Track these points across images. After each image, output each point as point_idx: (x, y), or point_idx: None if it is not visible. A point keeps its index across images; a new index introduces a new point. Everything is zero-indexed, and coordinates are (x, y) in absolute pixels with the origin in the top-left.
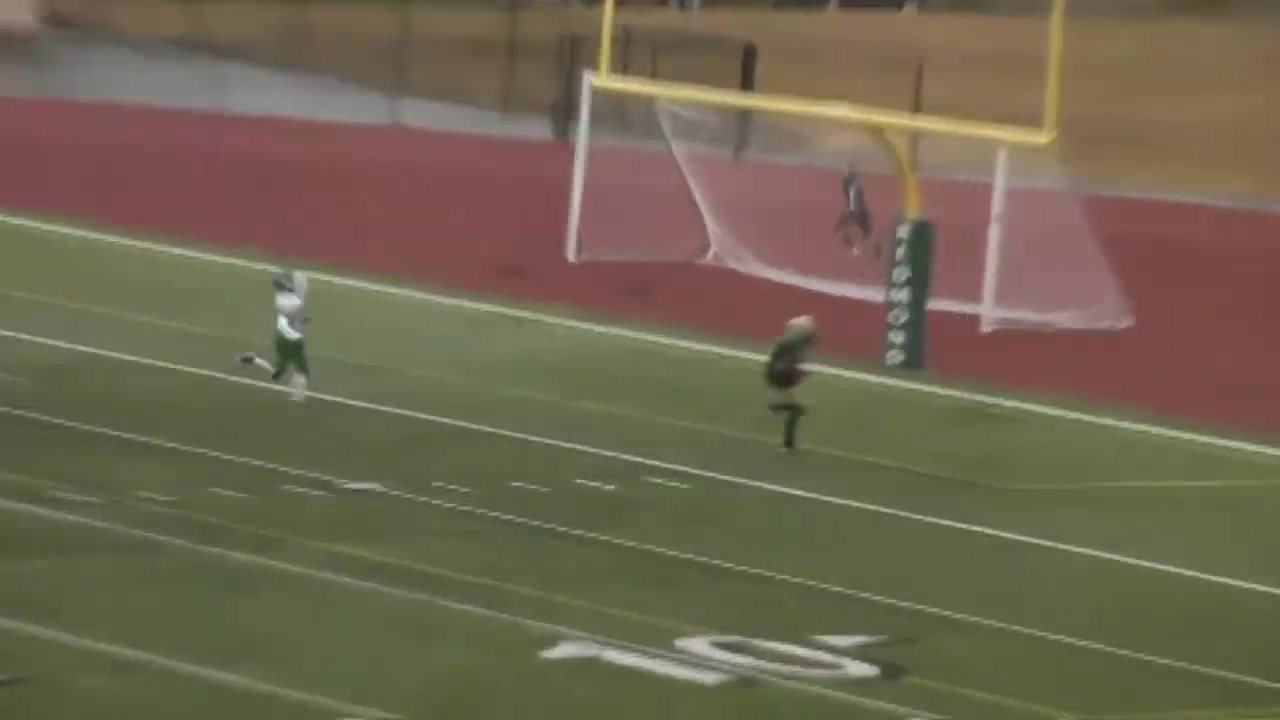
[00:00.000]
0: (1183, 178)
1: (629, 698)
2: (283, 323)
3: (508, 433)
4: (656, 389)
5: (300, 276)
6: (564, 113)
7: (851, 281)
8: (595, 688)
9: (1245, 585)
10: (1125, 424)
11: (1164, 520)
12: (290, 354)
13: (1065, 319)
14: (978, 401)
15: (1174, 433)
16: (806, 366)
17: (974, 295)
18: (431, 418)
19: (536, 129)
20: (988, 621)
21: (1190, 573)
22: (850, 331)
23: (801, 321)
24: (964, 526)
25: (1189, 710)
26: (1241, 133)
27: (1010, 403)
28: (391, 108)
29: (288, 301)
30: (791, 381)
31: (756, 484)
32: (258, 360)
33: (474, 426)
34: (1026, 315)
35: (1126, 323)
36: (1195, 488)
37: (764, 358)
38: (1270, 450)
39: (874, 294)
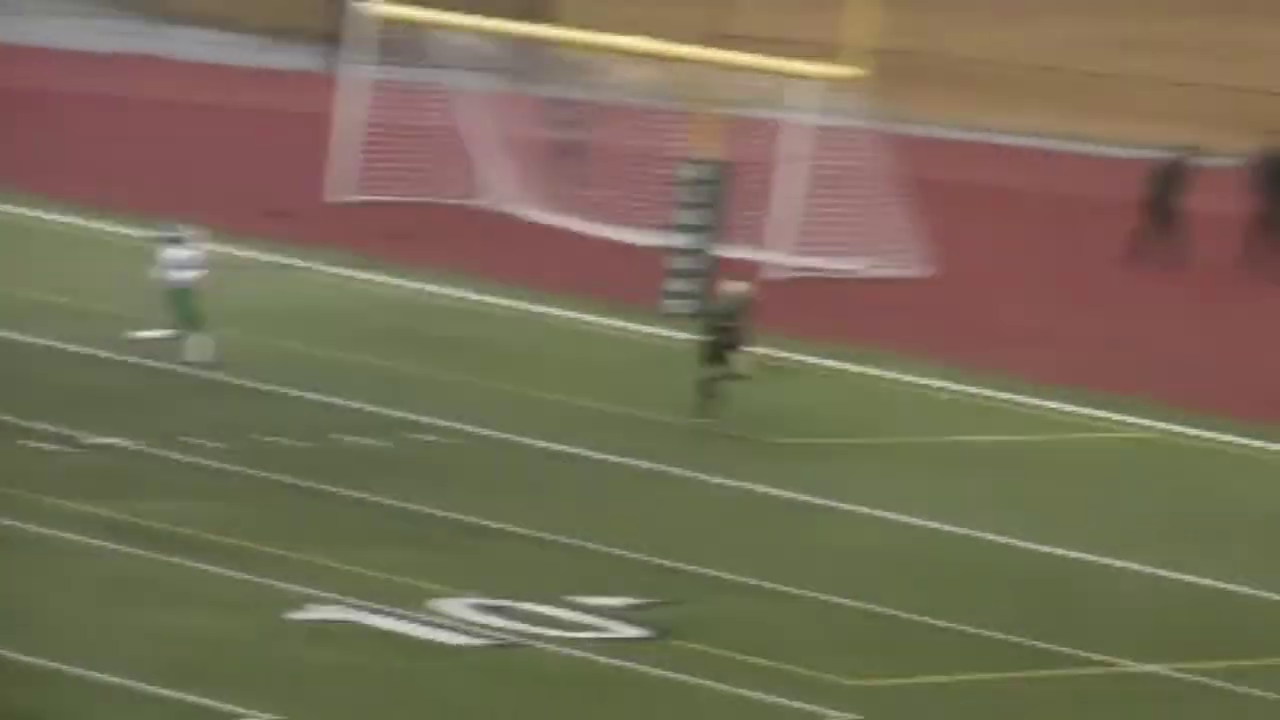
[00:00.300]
0: (988, 114)
1: (378, 661)
2: (172, 274)
3: (263, 385)
4: (422, 340)
5: (190, 231)
6: (335, 43)
7: (634, 225)
8: (342, 651)
9: (1024, 545)
10: (915, 378)
11: (949, 478)
12: (184, 308)
13: (860, 266)
14: (764, 354)
15: (964, 386)
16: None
17: (765, 240)
18: (183, 369)
19: (307, 59)
20: (761, 582)
21: (970, 532)
22: (629, 278)
23: (738, 288)
24: (741, 484)
25: (964, 673)
26: (1047, 68)
27: (798, 355)
28: (150, 35)
29: (179, 253)
30: (732, 351)
31: (523, 440)
32: (150, 334)
33: (228, 379)
34: (820, 262)
35: (925, 271)
36: (983, 443)
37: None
38: (1060, 405)
39: (660, 239)
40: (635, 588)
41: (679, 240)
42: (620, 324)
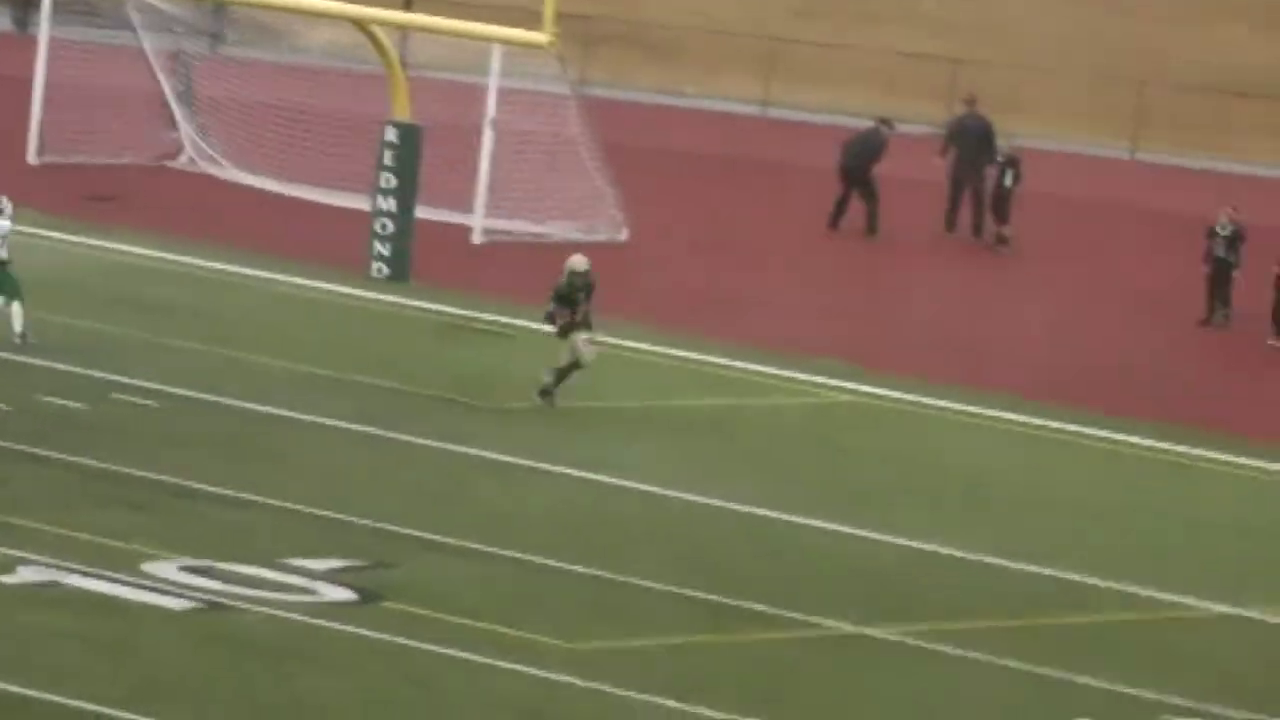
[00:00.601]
0: (684, 79)
1: (90, 624)
2: None
3: None
4: (129, 303)
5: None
6: (24, 3)
7: (337, 188)
8: (54, 614)
9: (734, 507)
10: (616, 341)
11: (654, 440)
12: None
13: (559, 230)
14: (466, 316)
15: (667, 349)
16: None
17: (465, 204)
18: None
19: (2, 21)
20: (472, 544)
21: (679, 494)
22: (336, 243)
23: (579, 262)
24: (449, 446)
25: (677, 635)
26: (743, 34)
27: (500, 317)
28: None
29: None
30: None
31: (233, 403)
32: None
33: None
34: (519, 225)
35: (623, 236)
36: (688, 407)
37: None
38: (764, 369)
39: (361, 202)
40: (345, 550)
41: (381, 204)
42: (328, 287)
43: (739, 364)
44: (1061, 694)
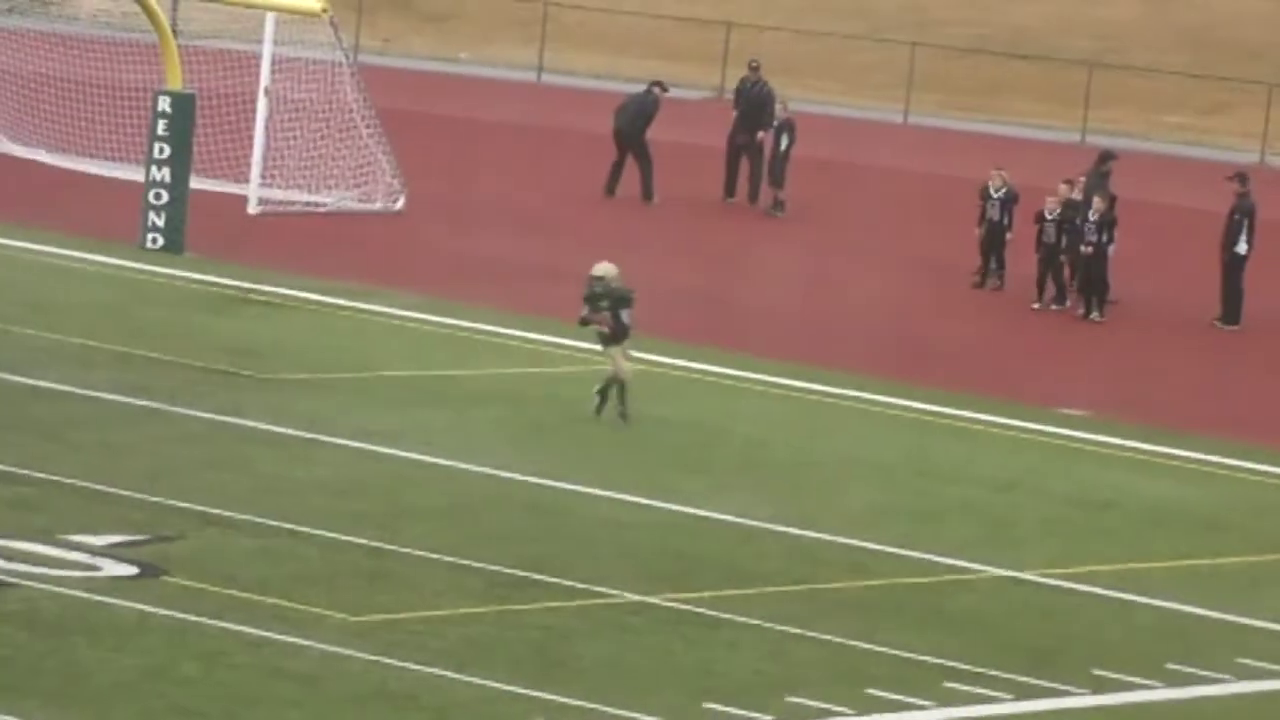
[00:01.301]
0: (459, 46)
1: None
2: None
3: None
4: None
5: None
6: None
7: (110, 159)
8: None
9: (513, 477)
10: (393, 310)
11: (432, 410)
12: None
13: (335, 200)
14: (241, 288)
15: (444, 319)
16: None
17: (241, 174)
18: None
19: None
20: (251, 517)
21: (459, 464)
22: (109, 214)
23: (607, 268)
24: (225, 419)
25: (458, 606)
26: (516, 1)
27: (276, 288)
28: None
29: None
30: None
31: (5, 377)
32: None
33: None
34: (295, 195)
35: (399, 204)
36: (466, 376)
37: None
38: (543, 338)
39: (135, 173)
40: (126, 525)
41: (155, 174)
42: (102, 259)
43: (517, 333)
44: (845, 660)
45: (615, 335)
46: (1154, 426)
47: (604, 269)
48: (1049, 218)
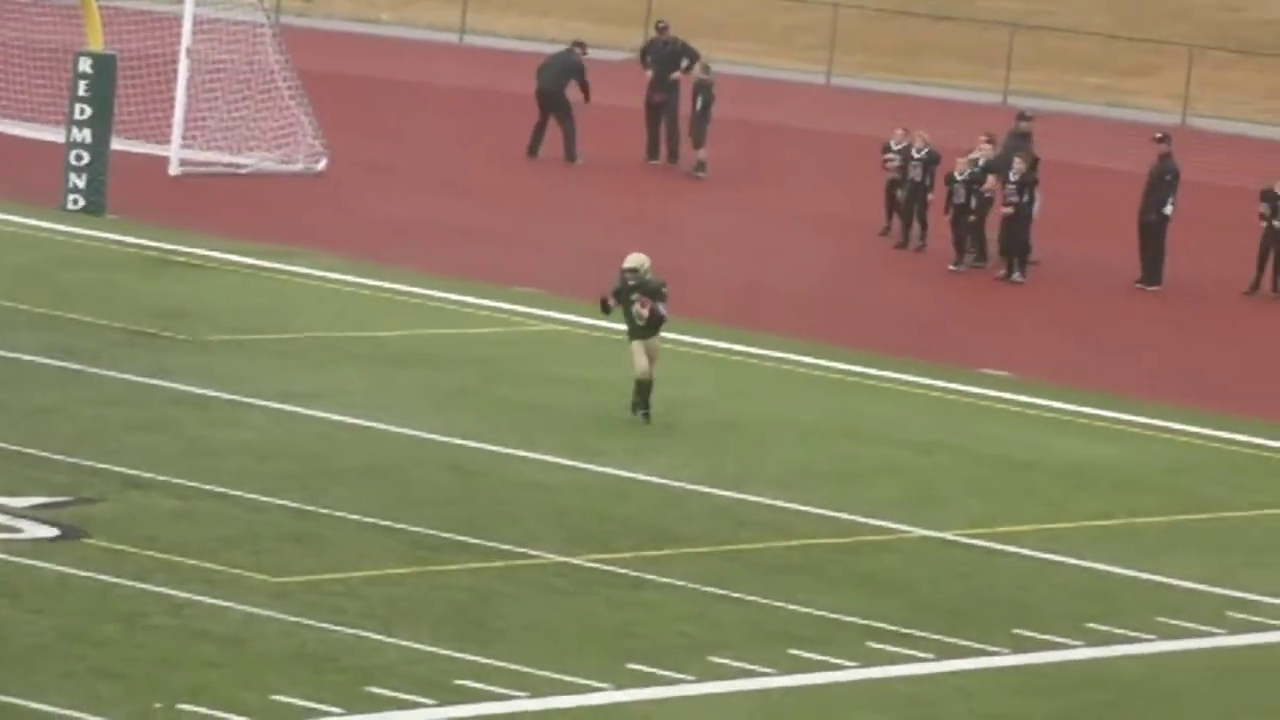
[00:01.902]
0: (381, 8)
1: None
2: None
3: None
4: None
5: None
6: None
7: (30, 120)
8: None
9: (435, 438)
10: (316, 272)
11: (355, 371)
12: None
13: (257, 161)
14: (164, 249)
15: (366, 280)
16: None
17: (162, 135)
18: None
19: None
20: (173, 479)
21: (380, 425)
22: (30, 175)
23: (634, 258)
24: (148, 381)
25: (382, 567)
26: None
27: (198, 250)
28: None
29: None
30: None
31: None
32: None
33: None
34: (217, 157)
35: (321, 166)
36: (388, 338)
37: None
38: (464, 299)
39: (55, 134)
40: (47, 487)
41: (76, 135)
42: (22, 220)
43: (439, 294)
44: (770, 620)
45: (651, 325)
46: (1075, 388)
47: (636, 260)
48: (958, 178)
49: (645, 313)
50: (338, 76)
